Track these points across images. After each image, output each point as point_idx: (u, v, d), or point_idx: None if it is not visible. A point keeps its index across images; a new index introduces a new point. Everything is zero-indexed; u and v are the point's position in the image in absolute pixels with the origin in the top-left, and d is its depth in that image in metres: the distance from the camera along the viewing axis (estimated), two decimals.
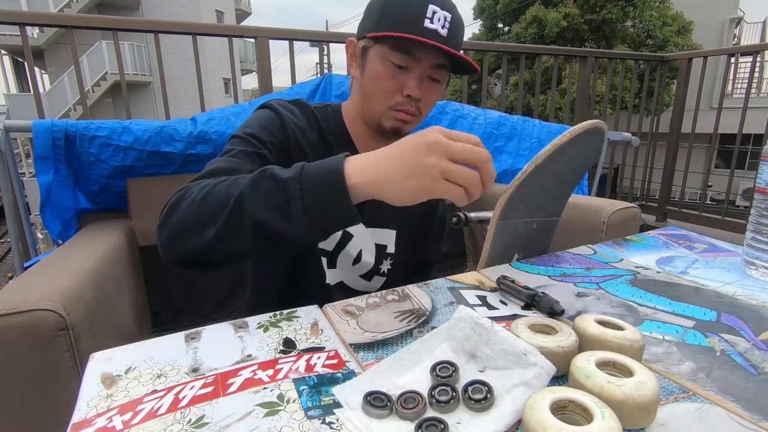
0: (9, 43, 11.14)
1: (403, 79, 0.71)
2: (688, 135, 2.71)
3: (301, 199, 0.48)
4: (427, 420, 0.35)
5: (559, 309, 0.52)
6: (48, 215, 1.19)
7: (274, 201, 0.49)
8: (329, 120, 0.80)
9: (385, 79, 0.71)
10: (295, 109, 0.77)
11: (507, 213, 0.70)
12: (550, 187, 0.76)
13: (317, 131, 0.78)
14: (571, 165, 0.75)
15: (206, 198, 0.53)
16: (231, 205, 0.51)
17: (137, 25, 1.91)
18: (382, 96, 0.73)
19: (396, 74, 0.71)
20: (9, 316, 0.60)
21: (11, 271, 7.11)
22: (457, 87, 9.93)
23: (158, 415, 0.36)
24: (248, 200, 0.50)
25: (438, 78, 0.73)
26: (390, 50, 0.69)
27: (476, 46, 2.59)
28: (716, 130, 2.62)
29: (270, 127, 0.72)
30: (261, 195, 0.50)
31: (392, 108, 0.73)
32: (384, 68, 0.71)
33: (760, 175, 0.64)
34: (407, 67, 0.71)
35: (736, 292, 0.60)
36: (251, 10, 18.65)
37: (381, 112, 0.74)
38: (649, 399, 0.34)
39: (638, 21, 10.10)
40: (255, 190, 0.50)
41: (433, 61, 0.70)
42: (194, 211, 0.53)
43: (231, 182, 0.53)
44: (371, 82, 0.73)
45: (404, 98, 0.72)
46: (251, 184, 0.51)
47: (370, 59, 0.72)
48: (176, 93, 10.94)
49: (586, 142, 0.72)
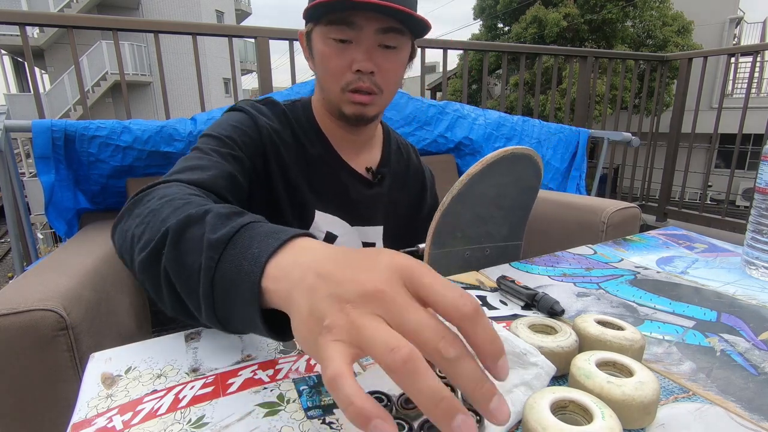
0: (9, 43, 11.15)
1: (351, 55, 0.65)
2: (688, 135, 2.72)
3: (210, 275, 0.36)
4: (427, 420, 0.35)
5: (559, 309, 0.52)
6: (52, 215, 1.19)
7: (189, 258, 0.38)
8: (299, 117, 0.76)
9: (331, 57, 0.66)
10: (266, 110, 0.74)
11: (441, 242, 0.70)
12: (491, 214, 0.75)
13: (290, 131, 0.74)
14: (504, 190, 0.73)
15: (149, 217, 0.45)
16: (158, 236, 0.41)
17: (137, 25, 1.91)
18: (332, 78, 0.67)
19: (341, 51, 0.65)
20: (9, 316, 0.60)
21: (11, 271, 7.11)
22: (457, 87, 9.95)
23: (158, 415, 0.36)
24: (170, 242, 0.39)
25: (392, 44, 0.66)
26: (327, 26, 0.64)
27: (476, 46, 2.59)
28: (716, 130, 2.63)
29: (245, 129, 0.68)
30: (184, 243, 0.39)
31: (345, 89, 0.67)
32: (327, 48, 0.65)
33: (760, 175, 0.64)
34: (351, 40, 0.64)
35: (736, 292, 0.60)
36: (251, 10, 18.64)
37: (337, 97, 0.68)
38: (650, 399, 0.34)
39: (638, 21, 10.10)
40: (183, 233, 0.39)
41: (379, 25, 0.63)
42: (136, 225, 0.45)
43: (177, 208, 0.44)
44: (320, 68, 0.68)
45: (354, 74, 0.65)
46: (183, 225, 0.40)
47: (315, 43, 0.68)
48: (176, 93, 10.95)
49: (512, 168, 0.70)
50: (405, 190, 0.88)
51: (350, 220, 0.79)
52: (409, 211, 0.89)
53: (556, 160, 1.91)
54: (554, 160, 1.91)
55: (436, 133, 1.70)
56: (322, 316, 0.26)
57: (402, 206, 0.87)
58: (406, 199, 0.88)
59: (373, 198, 0.81)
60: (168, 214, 0.43)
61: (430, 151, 1.72)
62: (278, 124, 0.73)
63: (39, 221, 6.70)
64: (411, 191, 0.90)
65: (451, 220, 0.69)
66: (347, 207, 0.78)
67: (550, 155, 1.90)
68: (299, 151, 0.74)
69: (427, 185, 0.93)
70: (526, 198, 0.79)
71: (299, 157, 0.74)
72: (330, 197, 0.76)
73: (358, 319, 0.25)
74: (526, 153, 0.71)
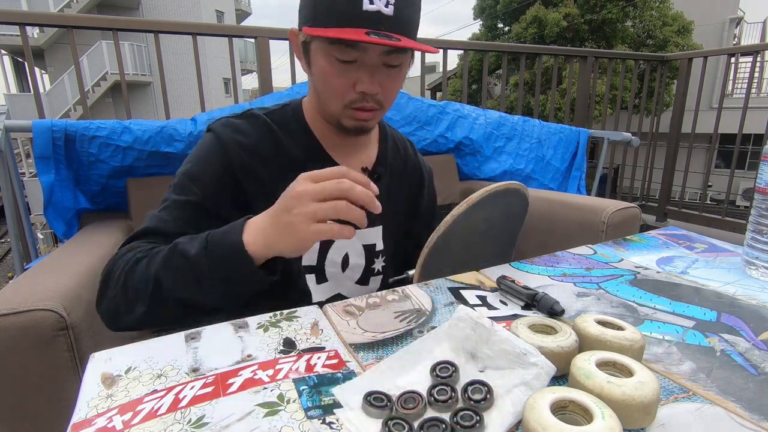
0: (9, 43, 11.15)
1: (354, 75, 0.64)
2: (688, 135, 2.72)
3: (211, 275, 0.54)
4: (428, 420, 0.35)
5: (559, 309, 0.52)
6: (51, 215, 1.19)
7: (188, 279, 0.55)
8: (288, 122, 0.74)
9: (334, 77, 0.64)
10: (244, 126, 0.71)
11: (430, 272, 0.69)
12: (480, 241, 0.76)
13: (272, 143, 0.72)
14: (492, 222, 0.74)
15: (127, 280, 0.57)
16: (151, 286, 0.55)
17: (137, 25, 1.91)
18: (335, 96, 0.66)
19: (344, 70, 0.64)
20: (9, 316, 0.61)
21: (11, 271, 7.11)
22: (457, 87, 9.95)
23: (158, 415, 0.36)
24: (165, 280, 0.55)
25: (395, 63, 0.65)
26: (331, 45, 0.62)
27: (476, 46, 2.59)
28: (716, 130, 2.63)
29: (209, 158, 0.69)
30: (175, 274, 0.55)
31: (348, 106, 0.67)
32: (330, 66, 0.64)
33: (760, 175, 0.64)
34: (355, 60, 0.63)
35: (736, 292, 0.60)
36: (251, 10, 18.65)
37: (338, 112, 0.68)
38: (650, 399, 0.34)
39: (638, 21, 10.10)
40: (169, 269, 0.55)
41: (383, 48, 0.62)
42: (120, 290, 0.57)
43: (149, 259, 0.57)
44: (320, 82, 0.67)
45: (358, 94, 0.65)
46: (165, 262, 0.56)
47: (314, 56, 0.66)
48: (176, 93, 10.94)
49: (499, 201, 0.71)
50: (403, 187, 0.86)
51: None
52: (407, 208, 0.88)
53: (557, 160, 1.91)
54: (554, 160, 1.91)
55: (436, 133, 1.70)
56: (288, 223, 0.51)
57: (400, 204, 0.85)
58: (404, 196, 0.87)
59: None
60: (144, 269, 0.57)
61: (430, 151, 1.72)
62: (255, 138, 0.71)
63: (39, 221, 6.69)
64: (409, 188, 0.88)
65: (439, 253, 0.70)
66: None
67: (550, 155, 1.90)
68: (284, 161, 0.72)
69: (425, 181, 0.91)
70: (513, 224, 0.80)
71: (284, 168, 0.71)
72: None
73: (304, 198, 0.50)
74: (512, 187, 0.71)
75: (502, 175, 1.80)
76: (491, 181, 1.77)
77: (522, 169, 1.83)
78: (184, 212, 0.66)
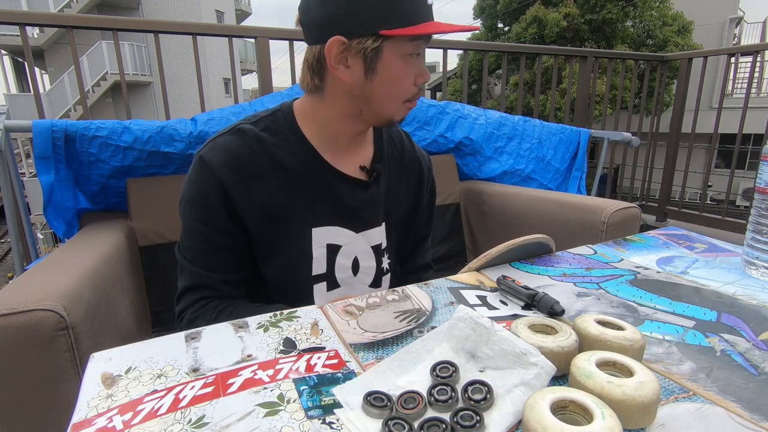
0: (9, 43, 11.14)
1: (416, 68, 0.68)
2: (688, 135, 2.71)
3: None
4: (428, 420, 0.35)
5: (559, 309, 0.52)
6: (51, 215, 1.19)
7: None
8: (280, 130, 0.73)
9: (407, 74, 0.67)
10: (232, 144, 0.69)
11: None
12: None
13: (264, 156, 0.70)
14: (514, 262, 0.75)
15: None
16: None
17: (137, 25, 1.91)
18: (401, 94, 0.69)
19: (412, 66, 0.67)
20: (9, 316, 0.60)
21: (11, 271, 7.11)
22: (457, 87, 9.94)
23: (158, 415, 0.36)
24: None
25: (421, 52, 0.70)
26: (411, 42, 0.65)
27: (476, 46, 2.59)
28: (716, 130, 2.63)
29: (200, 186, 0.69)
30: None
31: (406, 101, 0.70)
32: (405, 64, 0.66)
33: (760, 175, 0.64)
34: (419, 53, 0.67)
35: (736, 292, 0.60)
36: (251, 10, 18.65)
37: (395, 109, 0.70)
38: (650, 399, 0.34)
39: (638, 21, 10.10)
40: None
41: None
42: None
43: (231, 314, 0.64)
44: (389, 85, 0.67)
45: (417, 87, 0.69)
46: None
47: (386, 59, 0.65)
48: (176, 93, 10.93)
49: (521, 250, 0.71)
50: (402, 180, 0.85)
51: (354, 227, 0.77)
52: (408, 203, 0.87)
53: (557, 160, 1.91)
54: (555, 160, 1.91)
55: (436, 133, 1.70)
56: None
57: (402, 196, 0.85)
58: (405, 188, 0.86)
59: (371, 199, 0.78)
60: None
61: (430, 151, 1.71)
62: (247, 155, 0.70)
63: (39, 221, 6.69)
64: (409, 180, 0.87)
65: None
66: (345, 215, 0.76)
67: (550, 155, 1.90)
68: (277, 173, 0.71)
69: (425, 171, 0.90)
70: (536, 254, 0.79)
71: (278, 179, 0.71)
72: (324, 210, 0.74)
73: None
74: (536, 240, 0.69)
75: (503, 175, 1.79)
76: (491, 180, 1.78)
77: (522, 169, 1.83)
78: (207, 255, 0.71)
